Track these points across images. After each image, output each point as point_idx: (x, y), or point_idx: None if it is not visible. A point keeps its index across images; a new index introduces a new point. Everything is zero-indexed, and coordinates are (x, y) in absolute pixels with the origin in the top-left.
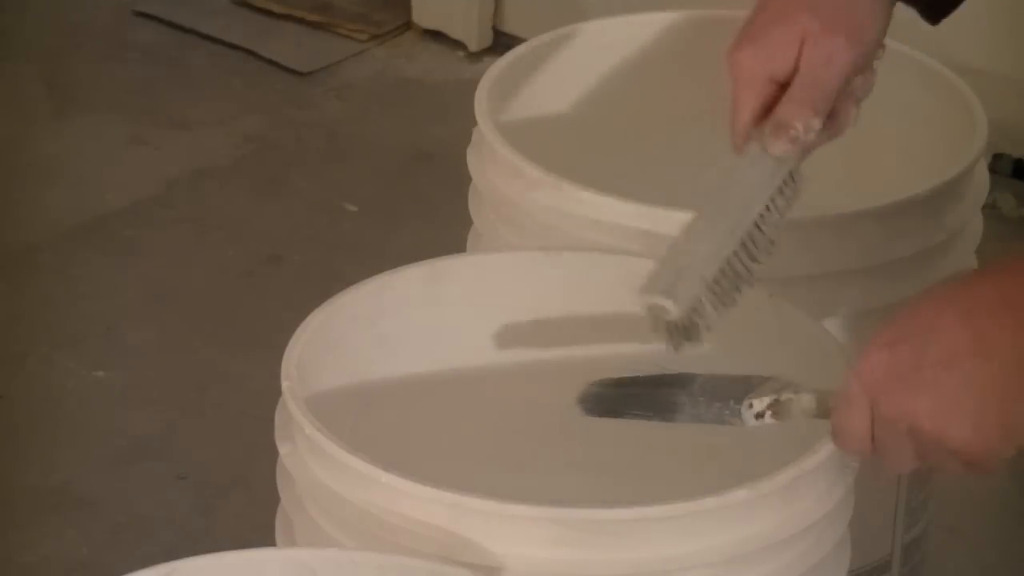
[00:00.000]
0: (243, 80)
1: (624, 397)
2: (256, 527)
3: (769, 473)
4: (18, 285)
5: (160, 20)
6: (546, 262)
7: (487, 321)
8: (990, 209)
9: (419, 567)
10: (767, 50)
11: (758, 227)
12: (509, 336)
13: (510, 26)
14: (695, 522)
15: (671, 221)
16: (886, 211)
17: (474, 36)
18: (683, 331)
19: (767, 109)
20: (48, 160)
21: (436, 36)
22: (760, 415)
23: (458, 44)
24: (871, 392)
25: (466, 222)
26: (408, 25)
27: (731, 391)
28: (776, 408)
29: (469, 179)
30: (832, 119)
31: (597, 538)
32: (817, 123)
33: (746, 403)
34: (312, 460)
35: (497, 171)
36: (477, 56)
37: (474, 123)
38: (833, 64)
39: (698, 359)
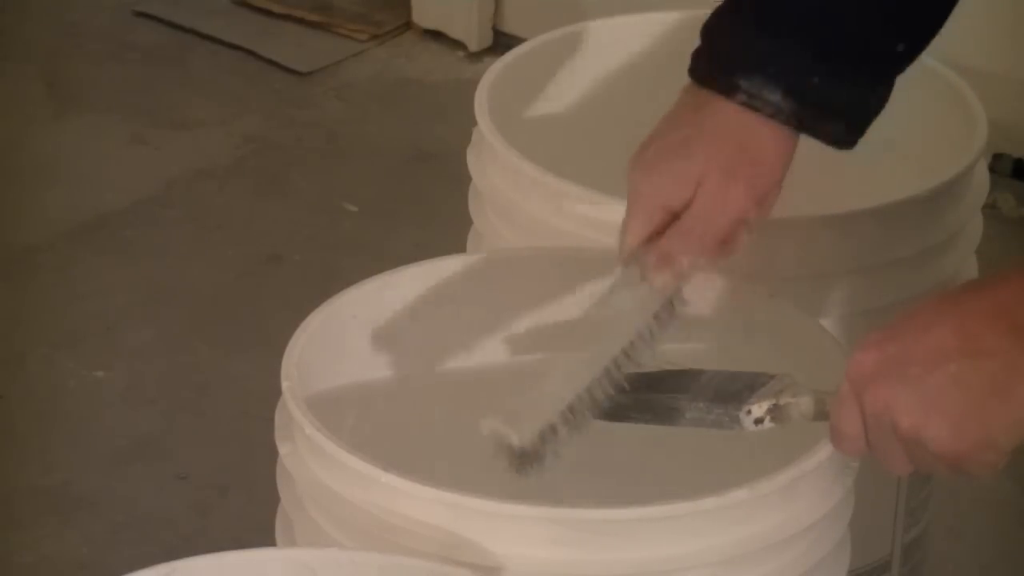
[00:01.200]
0: (243, 80)
1: (627, 402)
2: (256, 527)
3: (769, 473)
4: (18, 285)
5: (160, 20)
6: (546, 262)
7: (487, 321)
8: (990, 209)
9: (419, 567)
10: (663, 181)
11: (626, 354)
12: (509, 336)
13: (510, 26)
14: (695, 522)
15: None
16: (886, 211)
17: (474, 36)
18: (528, 457)
19: (656, 235)
20: (48, 160)
21: (436, 36)
22: (759, 420)
23: (458, 44)
24: (858, 387)
25: (466, 222)
26: (408, 25)
27: (732, 394)
28: (775, 413)
29: (469, 179)
30: (723, 245)
31: (597, 538)
32: (702, 261)
33: (745, 409)
34: (312, 460)
35: (497, 171)
36: (477, 56)
37: (474, 123)
38: (728, 209)
39: (699, 359)
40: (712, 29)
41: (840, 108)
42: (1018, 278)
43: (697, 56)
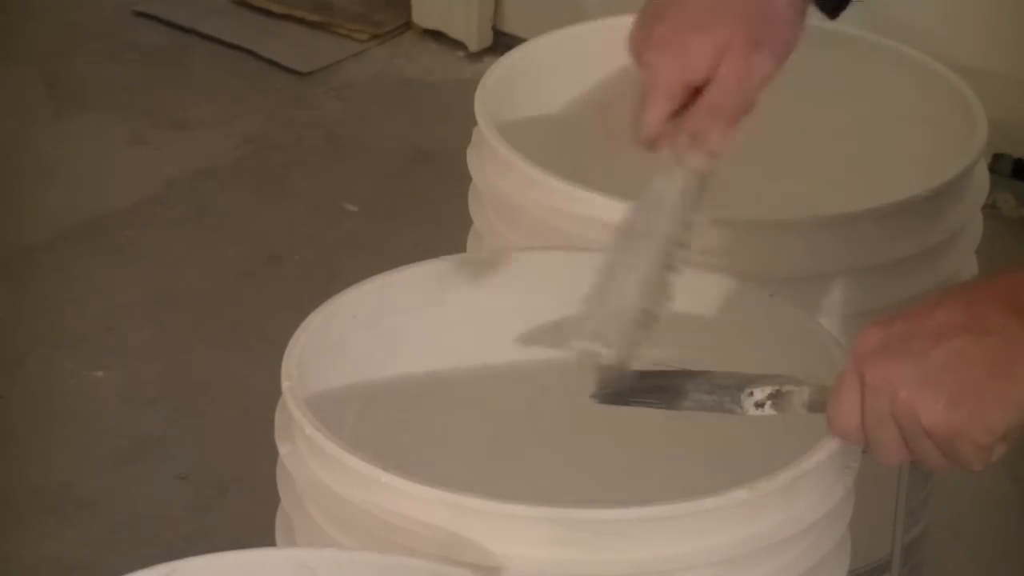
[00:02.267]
0: (243, 80)
1: (631, 386)
2: (256, 527)
3: (769, 473)
4: (18, 285)
5: (160, 20)
6: (546, 262)
7: (487, 321)
8: (990, 209)
9: (419, 567)
10: (684, 57)
11: (676, 241)
12: (509, 336)
13: (510, 26)
14: (695, 522)
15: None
16: (886, 211)
17: (474, 36)
18: (618, 368)
19: (677, 113)
20: (48, 160)
21: (436, 36)
22: (760, 404)
23: (458, 44)
24: (860, 364)
25: (466, 222)
26: (408, 25)
27: (734, 380)
28: (777, 399)
29: (469, 179)
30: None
31: (597, 538)
32: (732, 133)
33: (747, 391)
34: (312, 460)
35: (497, 171)
36: (477, 56)
37: (474, 123)
38: (754, 76)
39: (698, 361)
40: None
41: None
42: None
43: None
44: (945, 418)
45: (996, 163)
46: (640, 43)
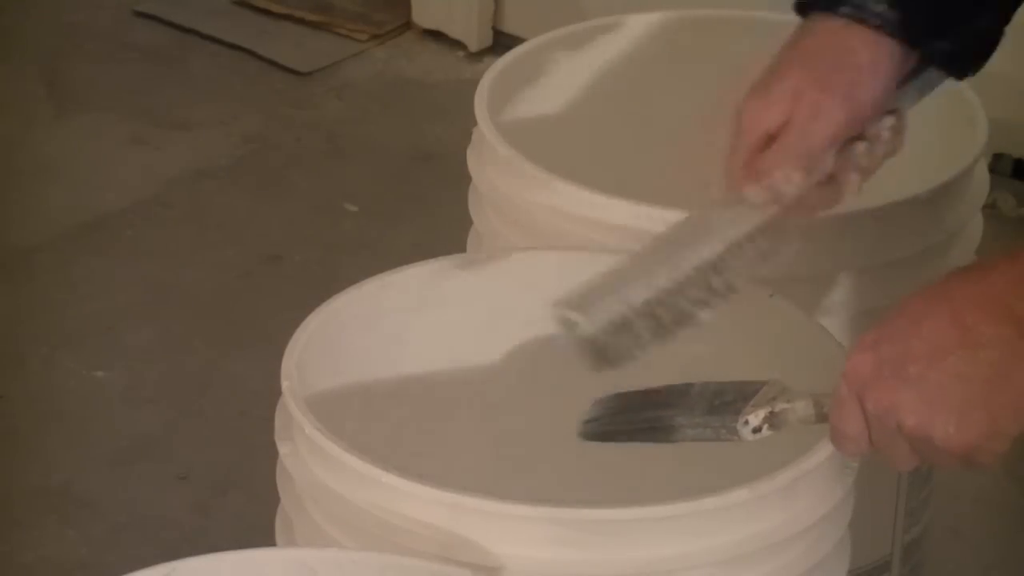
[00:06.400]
0: (243, 80)
1: (624, 425)
2: (256, 527)
3: (769, 473)
4: (18, 285)
5: (160, 20)
6: (546, 262)
7: (487, 321)
8: (990, 209)
9: (419, 567)
10: (762, 104)
11: (716, 270)
12: (509, 336)
13: (510, 26)
14: (695, 522)
15: (671, 221)
16: (886, 211)
17: (474, 36)
18: (600, 351)
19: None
20: (48, 160)
21: (436, 36)
22: (757, 429)
23: (458, 44)
24: (858, 390)
25: (466, 222)
26: (408, 25)
27: (726, 405)
28: (772, 420)
29: (469, 179)
30: (831, 184)
31: (597, 538)
32: (798, 176)
33: (742, 420)
34: (312, 460)
35: (497, 171)
36: (477, 56)
37: (474, 123)
38: (820, 119)
39: (700, 359)
40: None
41: (949, 24)
42: (1005, 265)
43: None
44: (959, 439)
45: (996, 163)
46: (743, 97)
